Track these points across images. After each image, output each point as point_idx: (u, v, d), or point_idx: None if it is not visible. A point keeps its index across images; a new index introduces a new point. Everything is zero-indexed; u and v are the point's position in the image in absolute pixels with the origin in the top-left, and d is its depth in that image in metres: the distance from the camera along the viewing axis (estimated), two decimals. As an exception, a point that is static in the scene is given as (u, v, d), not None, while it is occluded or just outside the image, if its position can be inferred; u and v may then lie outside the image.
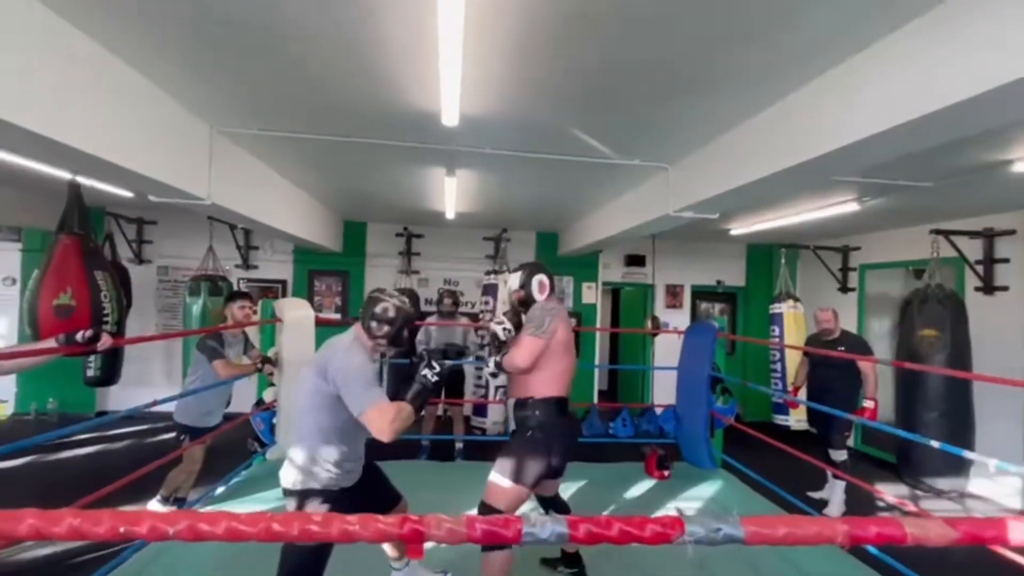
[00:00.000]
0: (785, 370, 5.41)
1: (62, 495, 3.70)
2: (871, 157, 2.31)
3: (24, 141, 1.97)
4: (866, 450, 5.58)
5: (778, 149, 2.48)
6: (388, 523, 0.81)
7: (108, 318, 3.18)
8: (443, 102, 2.27)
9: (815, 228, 5.49)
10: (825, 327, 4.03)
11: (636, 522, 0.87)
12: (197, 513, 0.77)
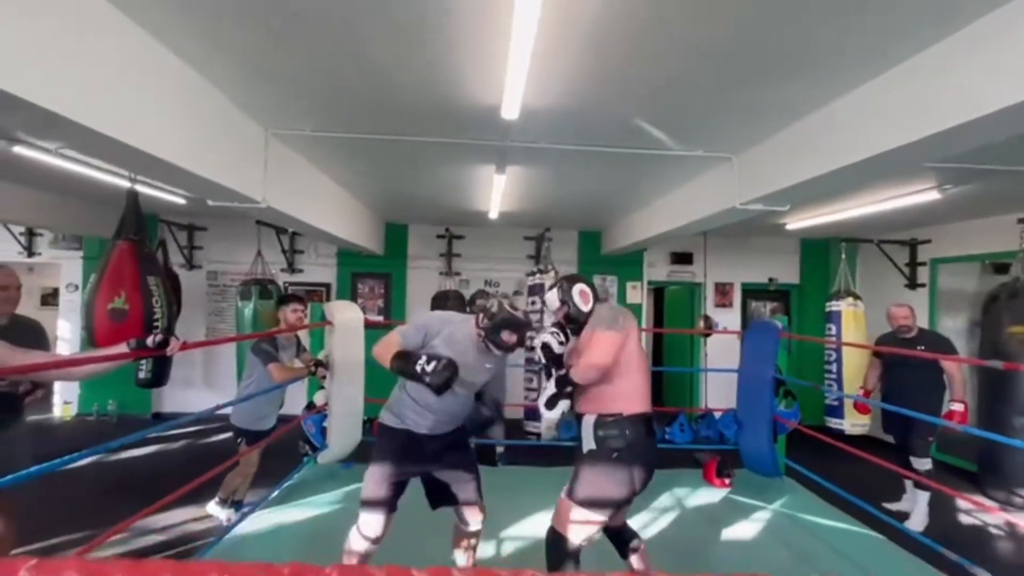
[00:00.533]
0: (841, 371, 5.09)
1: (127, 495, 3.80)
2: (974, 140, 2.08)
3: (93, 143, 1.98)
4: (943, 459, 5.19)
5: (867, 134, 2.28)
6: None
7: (158, 322, 3.22)
8: (506, 94, 2.18)
9: (879, 220, 5.15)
10: (902, 324, 3.69)
11: None
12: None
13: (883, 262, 5.81)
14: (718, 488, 3.93)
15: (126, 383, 5.41)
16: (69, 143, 2.13)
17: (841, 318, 5.18)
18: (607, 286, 6.74)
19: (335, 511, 3.35)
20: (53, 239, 6.41)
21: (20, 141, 3.28)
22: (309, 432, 4.11)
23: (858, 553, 2.97)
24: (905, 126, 2.09)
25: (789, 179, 2.83)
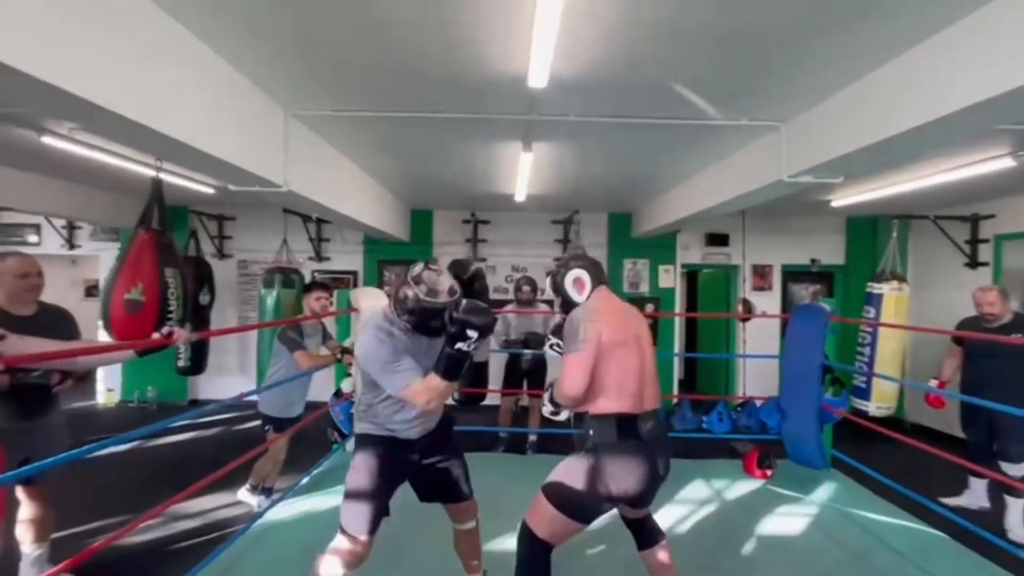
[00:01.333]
0: (874, 355, 4.76)
1: (163, 480, 3.87)
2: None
3: (111, 125, 1.92)
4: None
5: (938, 91, 2.02)
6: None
7: (172, 315, 3.19)
8: (533, 59, 2.01)
9: (936, 194, 4.76)
10: (988, 312, 3.25)
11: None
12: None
13: (939, 240, 5.39)
14: (759, 480, 3.74)
15: (166, 370, 5.56)
16: (88, 125, 2.08)
17: (882, 302, 4.82)
18: (638, 269, 6.52)
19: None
20: (92, 232, 6.59)
21: (48, 131, 3.30)
22: (337, 419, 4.10)
23: (919, 553, 2.74)
24: (983, 80, 1.84)
25: (844, 147, 2.57)
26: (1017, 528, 3.09)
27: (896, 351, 4.71)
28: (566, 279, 1.97)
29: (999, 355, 3.15)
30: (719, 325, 7.01)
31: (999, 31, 1.80)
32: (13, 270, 2.22)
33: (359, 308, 3.75)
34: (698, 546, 2.81)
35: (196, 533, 3.17)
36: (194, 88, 2.19)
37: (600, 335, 1.76)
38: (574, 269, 1.98)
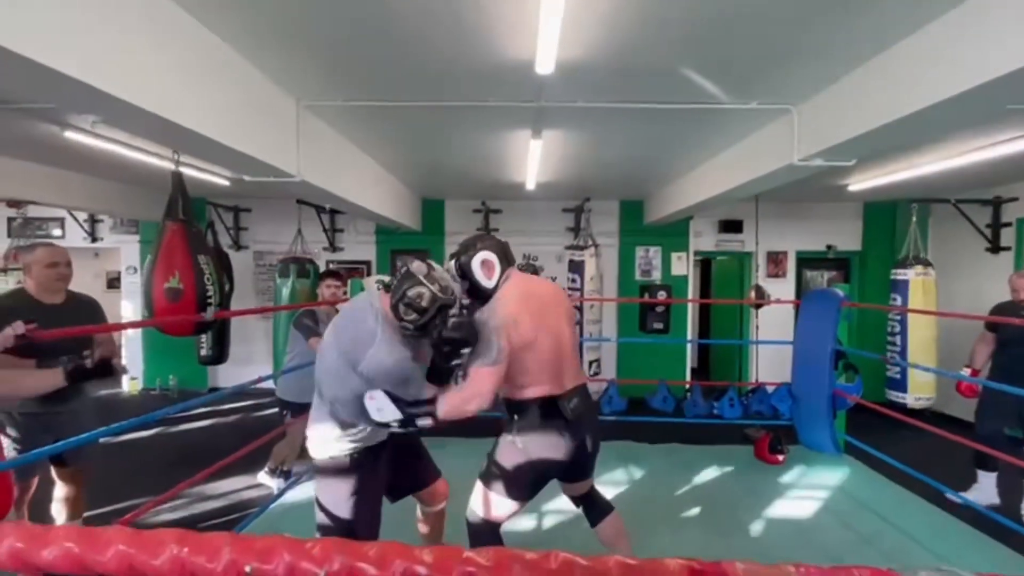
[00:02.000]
0: (906, 343, 4.69)
1: (185, 463, 3.99)
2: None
3: (128, 116, 1.98)
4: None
5: (953, 68, 1.99)
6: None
7: (211, 300, 3.28)
8: (539, 45, 2.01)
9: (957, 177, 4.64)
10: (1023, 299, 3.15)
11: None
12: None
13: (960, 224, 5.28)
14: (771, 465, 3.74)
15: (188, 360, 5.71)
16: (109, 118, 2.14)
17: (908, 288, 4.75)
18: (650, 257, 6.49)
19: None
20: (113, 224, 6.75)
21: (70, 126, 3.40)
22: (353, 405, 4.19)
23: (931, 537, 2.74)
24: (994, 58, 1.81)
25: (855, 128, 2.53)
26: None
27: (929, 339, 4.63)
28: (472, 263, 1.82)
29: None
30: (732, 313, 6.96)
31: (1009, 8, 1.76)
32: (42, 260, 2.28)
33: (372, 296, 3.81)
34: (712, 530, 2.84)
35: (218, 513, 3.29)
36: (209, 80, 2.24)
37: (514, 341, 1.67)
38: (481, 252, 1.83)
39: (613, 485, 3.36)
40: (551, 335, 1.79)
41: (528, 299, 1.79)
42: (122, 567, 0.56)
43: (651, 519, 2.93)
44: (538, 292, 1.88)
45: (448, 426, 1.77)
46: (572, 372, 1.84)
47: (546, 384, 1.77)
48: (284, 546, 0.54)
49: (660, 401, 4.16)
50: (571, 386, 1.81)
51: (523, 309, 1.74)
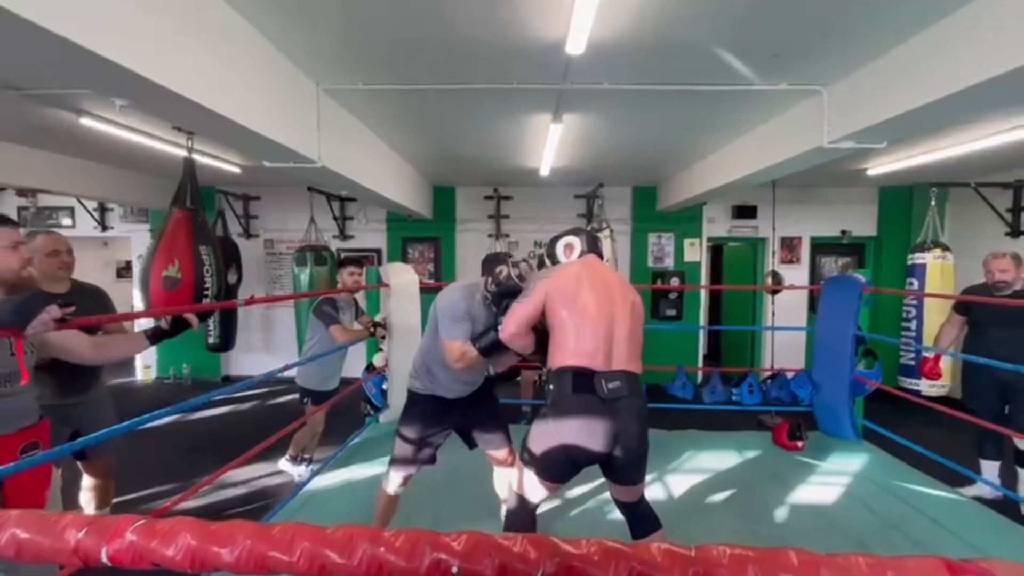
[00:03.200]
0: (922, 329, 4.66)
1: (203, 451, 4.02)
2: None
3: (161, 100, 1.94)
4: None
5: (994, 49, 1.93)
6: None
7: (208, 291, 3.25)
8: (573, 23, 1.96)
9: (978, 160, 4.58)
10: (1001, 279, 3.05)
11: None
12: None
13: (979, 208, 5.22)
14: (790, 451, 3.74)
15: (198, 348, 5.73)
16: (137, 102, 2.10)
17: (926, 272, 4.71)
18: (663, 244, 6.45)
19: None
20: (123, 214, 6.73)
21: (86, 113, 3.36)
22: (370, 393, 4.19)
23: (956, 521, 2.73)
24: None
25: (889, 111, 2.48)
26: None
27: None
28: (557, 246, 2.05)
29: (1009, 324, 2.99)
30: (745, 299, 6.93)
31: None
32: (43, 248, 2.20)
33: (390, 284, 3.79)
34: (736, 515, 2.84)
35: (242, 501, 3.31)
36: (235, 62, 2.20)
37: (547, 290, 1.83)
38: (567, 236, 2.05)
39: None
40: (603, 312, 1.80)
41: (587, 272, 1.88)
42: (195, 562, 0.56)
43: (679, 505, 2.94)
44: (603, 273, 1.93)
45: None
46: (623, 357, 1.79)
47: (584, 357, 1.75)
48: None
49: (679, 388, 4.15)
50: (619, 368, 1.76)
51: (575, 274, 1.87)
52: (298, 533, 0.55)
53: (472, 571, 0.51)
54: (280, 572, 0.55)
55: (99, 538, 0.56)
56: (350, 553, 0.53)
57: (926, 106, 2.31)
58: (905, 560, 0.48)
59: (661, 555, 0.49)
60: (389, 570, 0.52)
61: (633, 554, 0.50)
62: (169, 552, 0.56)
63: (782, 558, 0.48)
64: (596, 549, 0.51)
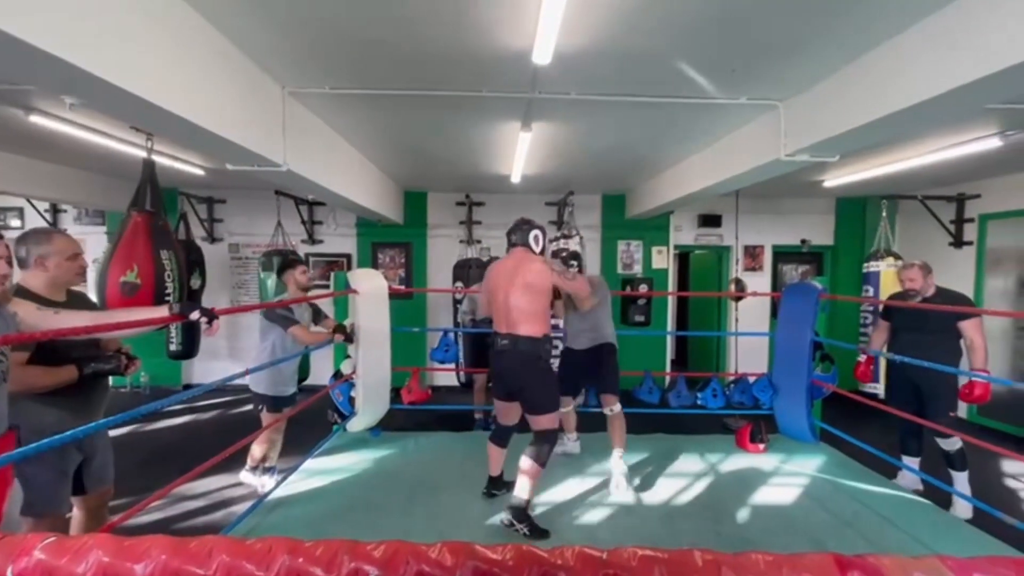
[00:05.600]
0: None
1: (162, 462, 3.87)
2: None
3: (111, 99, 1.88)
4: (983, 422, 5.03)
5: (934, 70, 2.07)
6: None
7: (169, 298, 3.16)
8: (539, 33, 2.00)
9: (925, 174, 4.85)
10: (910, 287, 3.25)
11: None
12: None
13: (926, 220, 5.51)
14: (752, 453, 3.85)
15: (158, 355, 5.51)
16: (89, 100, 2.02)
17: (880, 279, 4.95)
18: (632, 251, 6.57)
19: (366, 478, 3.36)
20: (77, 215, 6.45)
21: (36, 110, 3.22)
22: (337, 400, 4.12)
23: (904, 518, 2.87)
24: (976, 59, 1.89)
25: (841, 126, 2.61)
26: (960, 503, 3.14)
27: None
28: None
29: (921, 329, 3.22)
30: (711, 305, 7.11)
31: (989, 13, 1.84)
32: (64, 250, 1.95)
33: (358, 290, 3.75)
34: (699, 516, 2.90)
35: (200, 513, 3.21)
36: (195, 62, 2.15)
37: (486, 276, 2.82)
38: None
39: (603, 475, 3.40)
40: (500, 291, 2.67)
41: (502, 261, 2.78)
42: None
43: (642, 507, 2.99)
44: (510, 261, 2.72)
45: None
46: (505, 324, 2.65)
47: (496, 324, 2.72)
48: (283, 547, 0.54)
49: (646, 392, 4.22)
50: (503, 331, 2.65)
51: (494, 268, 2.79)
52: (216, 546, 0.54)
53: None
54: None
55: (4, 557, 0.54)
56: (268, 565, 0.53)
57: (873, 122, 2.44)
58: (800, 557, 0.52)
59: (574, 558, 0.52)
60: None
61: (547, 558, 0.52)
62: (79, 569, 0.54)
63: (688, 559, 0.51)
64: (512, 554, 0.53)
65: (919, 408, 3.32)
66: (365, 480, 3.32)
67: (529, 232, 2.74)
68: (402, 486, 3.21)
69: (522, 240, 2.73)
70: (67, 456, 1.99)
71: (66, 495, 2.03)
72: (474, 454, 3.74)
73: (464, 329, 4.59)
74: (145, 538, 0.56)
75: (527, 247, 2.73)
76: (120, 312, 1.90)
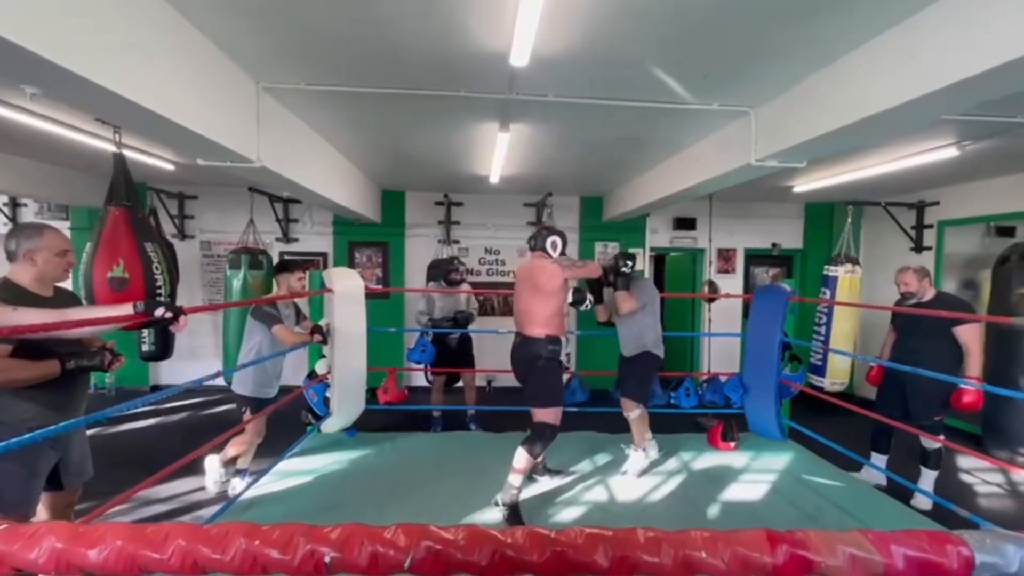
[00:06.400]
0: (829, 333, 5.05)
1: (130, 466, 3.76)
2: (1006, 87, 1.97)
3: (78, 90, 1.82)
4: (949, 423, 5.24)
5: (896, 80, 2.16)
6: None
7: (161, 290, 3.08)
8: (516, 35, 2.02)
9: (888, 182, 5.04)
10: (905, 291, 3.33)
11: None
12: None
13: (889, 225, 5.73)
14: (724, 451, 3.94)
15: (128, 355, 5.31)
16: (52, 91, 1.96)
17: (836, 284, 5.11)
18: (609, 253, 6.65)
19: (341, 479, 3.33)
20: (38, 209, 6.20)
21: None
22: (311, 401, 4.06)
23: (863, 511, 2.98)
24: (934, 71, 1.98)
25: (807, 133, 2.70)
26: (922, 497, 3.26)
27: (849, 331, 4.99)
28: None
29: (917, 333, 3.31)
30: (685, 307, 7.25)
31: (947, 26, 1.93)
32: (53, 246, 1.96)
33: (334, 289, 3.71)
34: (670, 513, 2.97)
35: (167, 517, 3.12)
36: (162, 52, 2.09)
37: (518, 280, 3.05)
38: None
39: (579, 475, 3.44)
40: (517, 295, 2.99)
41: (522, 266, 3.06)
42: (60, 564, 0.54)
43: (616, 506, 3.04)
44: (526, 265, 3.00)
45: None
46: (521, 324, 2.93)
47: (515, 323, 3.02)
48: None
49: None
50: (517, 331, 2.97)
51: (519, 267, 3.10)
52: (172, 531, 0.54)
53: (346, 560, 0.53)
54: (152, 571, 0.54)
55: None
56: (224, 549, 0.53)
57: (837, 130, 2.53)
58: (735, 533, 0.56)
59: (524, 538, 0.54)
60: (263, 563, 0.53)
61: (499, 537, 0.54)
62: (32, 556, 0.54)
63: (631, 536, 0.54)
64: (465, 534, 0.55)
65: (904, 409, 3.38)
66: (340, 481, 3.29)
67: (547, 238, 2.92)
68: (378, 487, 3.19)
69: (540, 245, 2.93)
70: (41, 455, 1.94)
71: (35, 496, 1.99)
72: (451, 455, 3.73)
73: (437, 330, 4.58)
74: (100, 524, 0.55)
75: (544, 252, 2.92)
76: (80, 310, 1.85)
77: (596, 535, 0.55)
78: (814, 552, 0.57)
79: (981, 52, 1.80)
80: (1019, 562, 0.56)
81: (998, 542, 0.58)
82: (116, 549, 0.54)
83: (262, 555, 0.54)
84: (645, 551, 0.53)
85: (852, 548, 0.58)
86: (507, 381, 6.19)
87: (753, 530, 0.58)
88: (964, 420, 4.88)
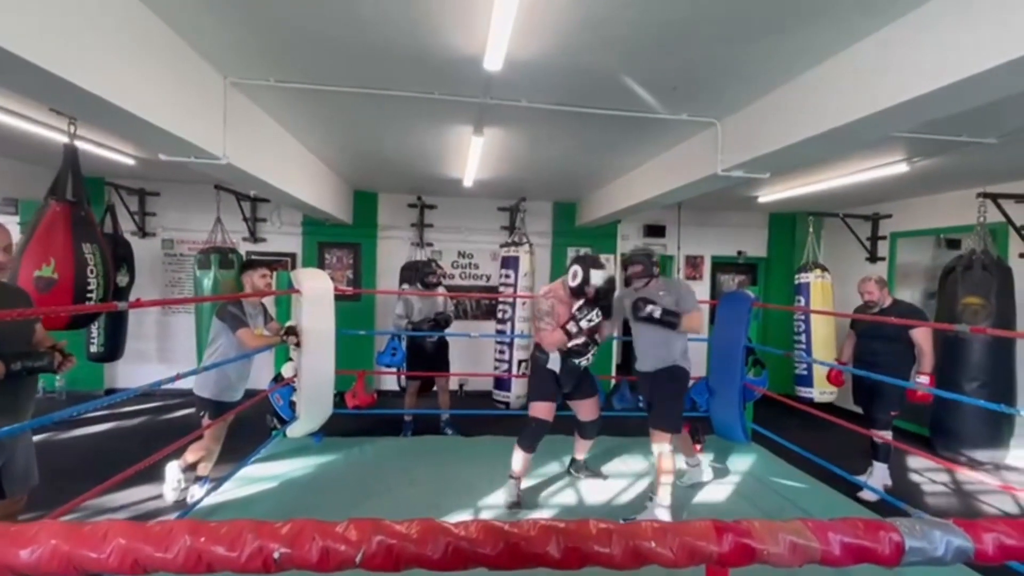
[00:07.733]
0: (811, 341, 5.25)
1: (79, 474, 3.58)
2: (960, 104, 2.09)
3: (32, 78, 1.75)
4: (898, 424, 5.48)
5: (853, 97, 2.27)
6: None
7: (92, 295, 2.94)
8: (490, 40, 2.04)
9: (846, 194, 5.28)
10: (868, 299, 3.62)
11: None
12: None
13: (846, 236, 5.99)
14: (689, 453, 4.02)
15: (77, 357, 5.08)
16: (5, 80, 1.86)
17: (810, 290, 5.31)
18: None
19: (307, 485, 3.26)
20: (-15, 203, 5.88)
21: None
22: (277, 405, 3.97)
23: (821, 511, 3.10)
24: (889, 88, 2.10)
25: (770, 145, 2.81)
26: (868, 491, 3.41)
27: (829, 335, 5.17)
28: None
29: (878, 337, 3.56)
30: (654, 312, 7.37)
31: (896, 48, 2.05)
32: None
33: (302, 290, 3.64)
34: (636, 514, 3.01)
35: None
36: (121, 41, 2.02)
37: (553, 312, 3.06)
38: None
39: (547, 477, 3.46)
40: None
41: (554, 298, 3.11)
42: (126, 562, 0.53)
43: (583, 508, 3.07)
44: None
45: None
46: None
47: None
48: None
49: (590, 395, 4.33)
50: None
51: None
52: (111, 529, 0.53)
53: (296, 556, 0.53)
54: (88, 570, 0.53)
55: None
56: (167, 546, 0.52)
57: (799, 143, 2.64)
58: (684, 524, 0.58)
59: (478, 531, 0.55)
60: (209, 560, 0.52)
61: (452, 531, 0.55)
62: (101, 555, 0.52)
63: (583, 528, 0.56)
64: (418, 528, 0.55)
65: (869, 407, 3.64)
66: (305, 487, 3.22)
67: (571, 267, 3.02)
68: (345, 493, 3.13)
69: (566, 271, 3.05)
70: None
71: None
72: (421, 459, 3.70)
73: (409, 332, 4.53)
74: (33, 523, 0.53)
75: (564, 278, 3.06)
76: None
77: (549, 527, 0.56)
78: (758, 540, 0.60)
79: (925, 74, 1.92)
80: (944, 546, 0.61)
81: (926, 528, 0.63)
82: (50, 548, 0.51)
83: (208, 552, 0.53)
84: (597, 542, 0.54)
85: (792, 536, 0.61)
86: (479, 385, 6.20)
87: (701, 521, 0.61)
88: (914, 422, 5.12)
